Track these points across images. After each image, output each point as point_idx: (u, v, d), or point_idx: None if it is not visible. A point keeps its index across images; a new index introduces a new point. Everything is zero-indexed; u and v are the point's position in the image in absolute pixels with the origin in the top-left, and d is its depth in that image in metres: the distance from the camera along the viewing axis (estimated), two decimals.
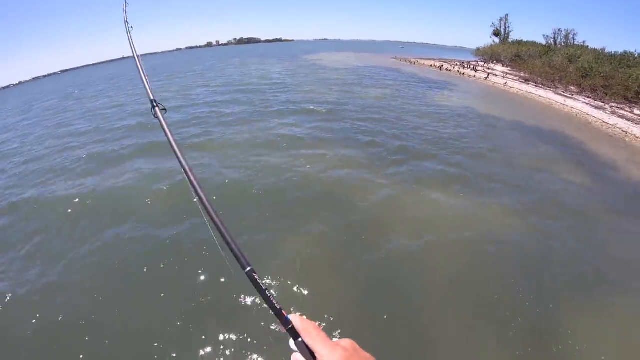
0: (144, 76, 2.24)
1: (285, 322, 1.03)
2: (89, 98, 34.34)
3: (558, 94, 31.54)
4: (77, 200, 10.63)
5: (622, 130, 20.69)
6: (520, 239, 8.97)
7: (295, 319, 1.03)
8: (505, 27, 66.07)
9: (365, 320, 6.41)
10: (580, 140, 18.76)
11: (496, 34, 67.08)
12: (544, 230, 9.47)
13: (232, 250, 1.18)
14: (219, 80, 37.24)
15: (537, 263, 8.15)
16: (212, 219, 1.27)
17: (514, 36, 64.82)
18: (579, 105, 26.94)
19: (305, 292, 6.89)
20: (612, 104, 26.99)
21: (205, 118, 19.74)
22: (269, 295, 1.09)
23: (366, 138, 16.12)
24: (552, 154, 16.11)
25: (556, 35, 52.98)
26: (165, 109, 1.90)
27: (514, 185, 12.14)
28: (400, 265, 7.83)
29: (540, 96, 31.39)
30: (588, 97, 29.91)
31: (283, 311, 1.06)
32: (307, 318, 1.03)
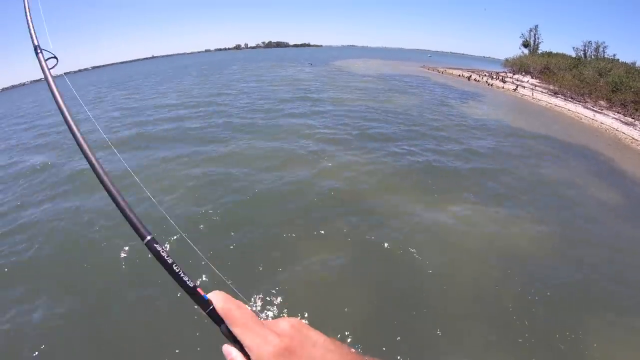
0: (30, 18, 1.65)
1: (204, 303, 0.80)
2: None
3: (587, 108, 31.79)
4: None
5: None
6: (549, 258, 9.05)
7: (217, 297, 0.78)
8: (535, 38, 66.12)
9: (383, 330, 6.47)
10: (610, 157, 19.14)
11: (525, 45, 67.06)
12: (573, 252, 9.53)
13: (127, 219, 0.93)
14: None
15: (563, 284, 8.10)
16: (105, 187, 0.99)
17: (543, 47, 65.00)
18: (609, 121, 27.22)
19: (324, 300, 7.01)
20: None
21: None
22: (177, 270, 0.85)
23: (396, 149, 16.66)
24: (582, 170, 16.29)
25: (586, 48, 52.91)
26: (56, 58, 1.47)
27: (543, 202, 12.29)
28: (426, 278, 7.94)
29: (569, 110, 31.71)
30: (618, 112, 30.04)
31: (198, 289, 0.82)
32: (229, 294, 0.80)
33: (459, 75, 56.17)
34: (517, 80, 49.59)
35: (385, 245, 8.89)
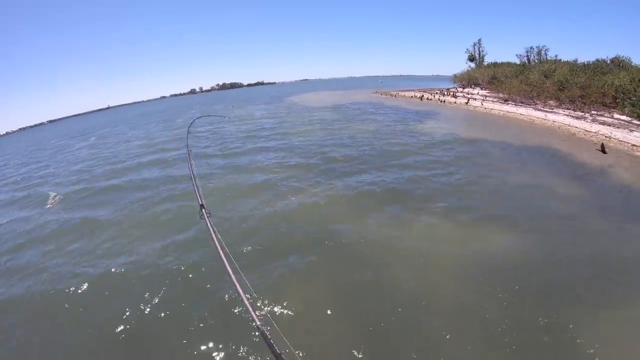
0: (196, 184, 2.95)
1: None
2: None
3: (538, 109, 32.08)
4: None
5: (605, 136, 20.82)
6: (525, 263, 8.81)
7: None
8: (480, 52, 68.29)
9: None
10: (567, 151, 18.85)
11: (471, 59, 69.15)
12: (545, 244, 9.56)
13: (245, 304, 1.35)
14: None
15: (542, 276, 8.16)
16: (234, 285, 1.58)
17: (488, 59, 66.88)
18: (560, 118, 27.30)
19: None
20: (592, 112, 27.44)
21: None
22: (279, 352, 1.16)
23: (357, 175, 16.34)
24: (543, 170, 16.10)
25: (529, 53, 54.72)
26: (209, 213, 2.28)
27: (511, 208, 12.06)
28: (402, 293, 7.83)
29: (521, 114, 31.85)
30: (568, 108, 30.44)
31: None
32: None
33: (412, 97, 56.80)
34: (468, 94, 50.49)
35: (361, 275, 8.69)
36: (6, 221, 15.39)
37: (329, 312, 7.47)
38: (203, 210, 2.48)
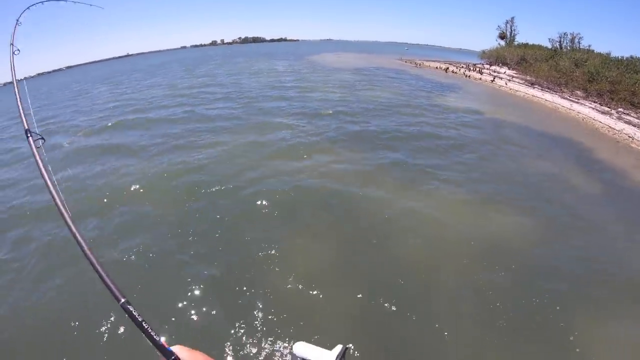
0: (20, 104, 2.30)
1: (168, 354, 1.00)
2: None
3: (564, 98, 31.63)
4: None
5: (629, 136, 20.74)
6: (531, 248, 8.96)
7: (180, 350, 1.01)
8: (511, 30, 66.20)
9: (373, 326, 6.41)
10: (588, 146, 18.83)
11: (502, 36, 67.15)
12: (555, 239, 9.49)
13: (104, 281, 1.16)
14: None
15: (548, 273, 8.10)
16: (83, 250, 1.28)
17: (519, 39, 65.01)
18: (586, 110, 27.00)
19: (311, 299, 6.89)
20: (619, 109, 27.04)
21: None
22: (146, 327, 1.06)
23: (376, 142, 16.31)
24: (561, 160, 16.10)
25: (562, 39, 52.94)
26: (43, 139, 1.91)
27: (524, 194, 12.12)
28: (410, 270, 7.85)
29: (546, 100, 31.43)
30: (594, 101, 29.99)
31: (163, 342, 1.03)
32: (189, 347, 1.03)
33: (437, 67, 55.77)
34: (494, 72, 49.45)
35: (373, 241, 8.80)
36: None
37: (327, 273, 7.63)
38: (29, 135, 1.97)
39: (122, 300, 1.10)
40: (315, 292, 7.03)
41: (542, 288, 7.44)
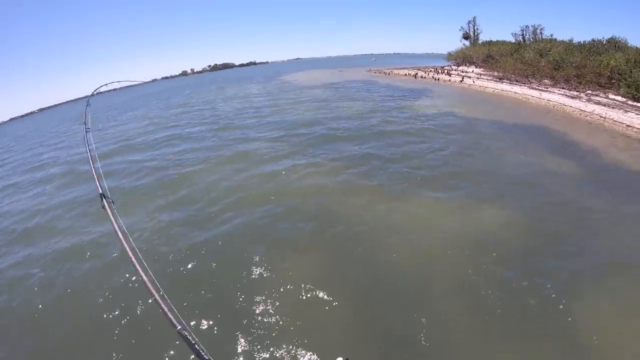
0: (94, 170, 2.79)
1: None
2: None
3: (533, 88, 31.72)
4: None
5: (600, 116, 20.68)
6: (519, 239, 8.85)
7: None
8: (474, 30, 67.19)
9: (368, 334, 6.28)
10: (562, 130, 18.65)
11: (466, 37, 68.13)
12: (533, 218, 9.69)
13: (162, 309, 1.23)
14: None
15: (534, 255, 8.15)
16: (145, 282, 1.40)
17: (483, 37, 65.90)
18: (555, 97, 27.04)
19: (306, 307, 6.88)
20: (587, 92, 27.20)
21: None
22: (199, 349, 1.07)
23: (353, 151, 16.21)
24: (536, 148, 15.96)
25: (524, 32, 53.78)
26: (113, 202, 2.09)
27: (504, 184, 12.09)
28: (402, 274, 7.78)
29: (515, 92, 31.54)
30: (563, 88, 30.14)
31: None
32: None
33: (406, 75, 56.14)
34: (463, 72, 49.93)
35: (359, 249, 8.73)
36: None
37: (320, 287, 7.45)
38: (104, 199, 2.18)
39: (179, 327, 1.18)
40: (309, 307, 6.93)
41: (533, 270, 7.54)
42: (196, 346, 1.11)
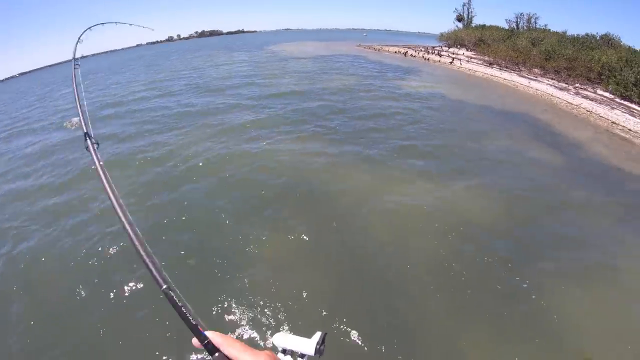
0: (79, 107, 2.46)
1: (202, 338, 0.98)
2: None
3: (522, 76, 31.37)
4: None
5: (587, 110, 20.53)
6: (500, 223, 9.00)
7: (212, 334, 0.98)
8: (469, 12, 66.26)
9: (350, 310, 6.31)
10: (548, 121, 18.37)
11: (459, 19, 67.24)
12: (517, 210, 9.66)
13: (147, 267, 1.15)
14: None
15: (507, 235, 8.49)
16: (129, 236, 1.25)
17: (477, 21, 65.09)
18: (544, 87, 26.76)
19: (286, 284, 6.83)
20: (576, 85, 27.03)
21: None
22: (185, 311, 1.03)
23: (337, 129, 15.67)
24: (519, 134, 15.84)
25: (518, 19, 53.36)
26: (98, 143, 1.90)
27: (485, 168, 12.15)
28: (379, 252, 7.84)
29: (504, 79, 31.14)
30: (552, 78, 29.89)
31: (199, 327, 1.00)
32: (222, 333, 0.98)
33: (396, 52, 54.94)
34: (453, 54, 49.16)
35: (339, 226, 8.68)
36: None
37: (305, 262, 7.52)
38: (88, 140, 1.91)
39: (164, 286, 1.11)
40: (289, 280, 6.94)
41: (509, 255, 7.71)
42: (183, 308, 1.03)
